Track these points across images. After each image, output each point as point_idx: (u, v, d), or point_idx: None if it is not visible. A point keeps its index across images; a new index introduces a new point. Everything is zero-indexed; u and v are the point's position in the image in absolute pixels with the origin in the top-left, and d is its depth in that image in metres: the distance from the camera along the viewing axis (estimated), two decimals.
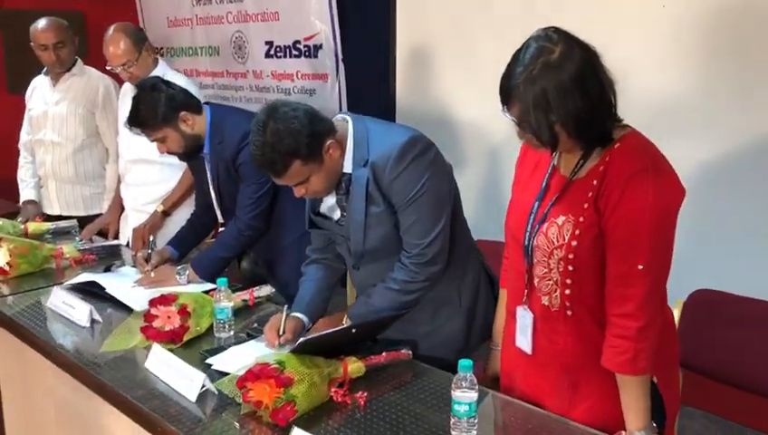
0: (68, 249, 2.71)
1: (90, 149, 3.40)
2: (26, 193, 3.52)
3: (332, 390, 1.64)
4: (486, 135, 3.49)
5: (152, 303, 2.01)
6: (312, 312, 2.03)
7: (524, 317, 1.63)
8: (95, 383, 1.82)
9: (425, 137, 1.84)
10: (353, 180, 1.85)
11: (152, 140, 2.46)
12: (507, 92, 1.43)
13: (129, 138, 2.84)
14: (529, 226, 1.58)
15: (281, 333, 1.92)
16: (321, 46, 4.20)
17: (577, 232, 1.48)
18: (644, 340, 1.45)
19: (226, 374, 1.74)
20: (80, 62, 3.40)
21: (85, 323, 2.11)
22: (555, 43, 1.39)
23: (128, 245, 3.10)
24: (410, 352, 1.85)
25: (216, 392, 1.67)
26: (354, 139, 1.85)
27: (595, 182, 1.47)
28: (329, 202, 1.97)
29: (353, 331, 1.74)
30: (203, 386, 1.67)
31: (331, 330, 1.77)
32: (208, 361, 1.86)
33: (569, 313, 1.54)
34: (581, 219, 1.48)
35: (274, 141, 1.74)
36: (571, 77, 1.37)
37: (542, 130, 1.41)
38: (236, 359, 1.83)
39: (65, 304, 2.20)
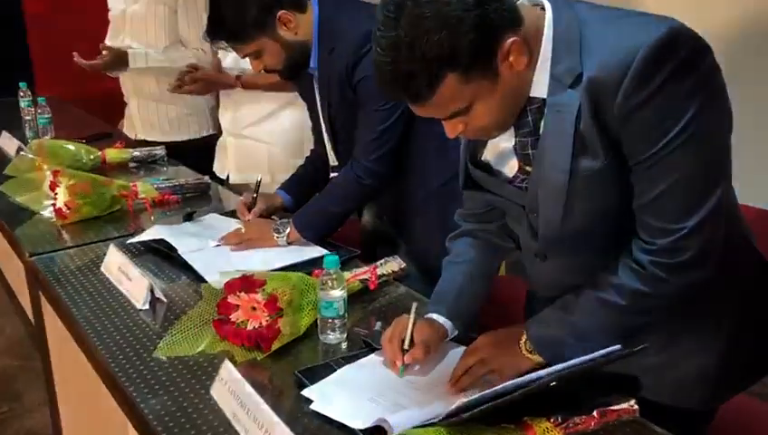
0: (143, 188, 2.11)
1: None
2: None
3: None
4: None
5: (230, 287, 1.36)
6: (459, 313, 1.31)
7: None
8: (131, 410, 1.20)
9: (692, 32, 1.01)
10: (549, 111, 1.07)
11: (243, 56, 1.77)
12: None
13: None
14: None
15: (405, 346, 1.24)
16: None
17: None
18: None
19: (332, 420, 1.10)
20: None
21: (141, 304, 1.50)
22: None
23: (223, 182, 2.50)
24: (636, 406, 1.10)
25: None
26: (555, 37, 1.05)
27: None
28: (500, 146, 1.19)
29: (552, 384, 1.00)
30: None
31: (510, 382, 1.02)
32: (306, 392, 1.19)
33: None
34: None
35: (414, 38, 0.97)
36: None
37: None
38: (349, 394, 1.17)
39: (120, 272, 1.61)
